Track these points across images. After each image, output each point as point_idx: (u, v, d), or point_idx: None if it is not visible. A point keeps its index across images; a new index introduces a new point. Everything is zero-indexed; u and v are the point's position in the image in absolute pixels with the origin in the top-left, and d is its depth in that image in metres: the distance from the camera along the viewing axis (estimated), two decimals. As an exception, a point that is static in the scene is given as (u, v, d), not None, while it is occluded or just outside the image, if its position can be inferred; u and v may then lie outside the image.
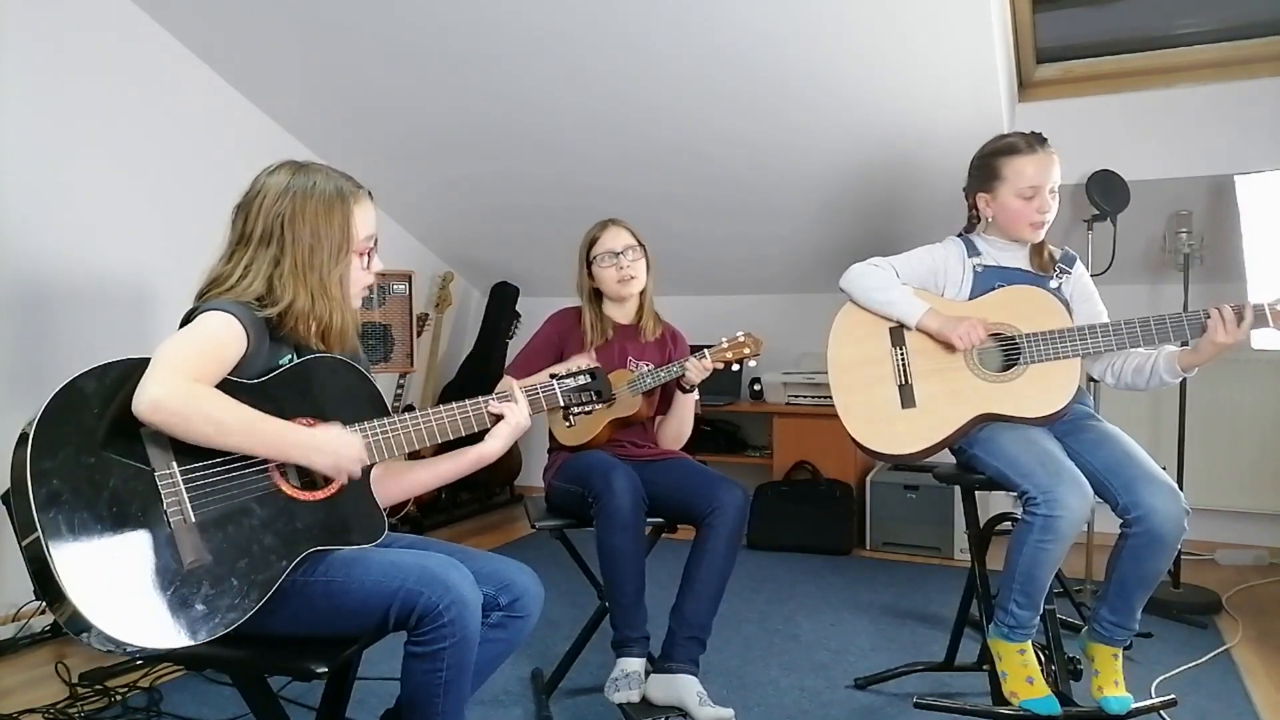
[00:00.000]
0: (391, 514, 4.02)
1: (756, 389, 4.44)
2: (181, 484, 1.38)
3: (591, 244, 2.53)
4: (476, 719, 2.28)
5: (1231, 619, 3.01)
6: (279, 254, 1.55)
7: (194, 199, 3.39)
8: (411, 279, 4.22)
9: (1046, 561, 1.95)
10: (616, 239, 2.50)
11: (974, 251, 2.26)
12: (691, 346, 2.58)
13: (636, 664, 2.21)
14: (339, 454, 1.48)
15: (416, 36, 3.25)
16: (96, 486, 1.32)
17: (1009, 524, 2.22)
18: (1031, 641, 2.04)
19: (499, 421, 1.71)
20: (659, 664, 2.24)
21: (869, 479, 3.98)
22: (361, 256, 1.62)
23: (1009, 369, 2.15)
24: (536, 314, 4.71)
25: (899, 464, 3.75)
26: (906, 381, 2.21)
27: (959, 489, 2.41)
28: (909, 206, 3.70)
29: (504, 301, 4.81)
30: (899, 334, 2.23)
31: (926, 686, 2.46)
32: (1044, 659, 2.10)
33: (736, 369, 2.41)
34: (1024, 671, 2.02)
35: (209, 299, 1.53)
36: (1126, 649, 2.10)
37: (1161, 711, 2.21)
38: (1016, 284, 2.20)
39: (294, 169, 1.59)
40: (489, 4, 3.04)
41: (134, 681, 2.46)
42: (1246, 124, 3.14)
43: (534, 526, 2.38)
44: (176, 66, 3.41)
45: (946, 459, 2.32)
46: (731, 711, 2.15)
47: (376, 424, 1.59)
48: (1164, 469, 2.02)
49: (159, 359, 1.37)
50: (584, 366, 1.83)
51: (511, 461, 4.74)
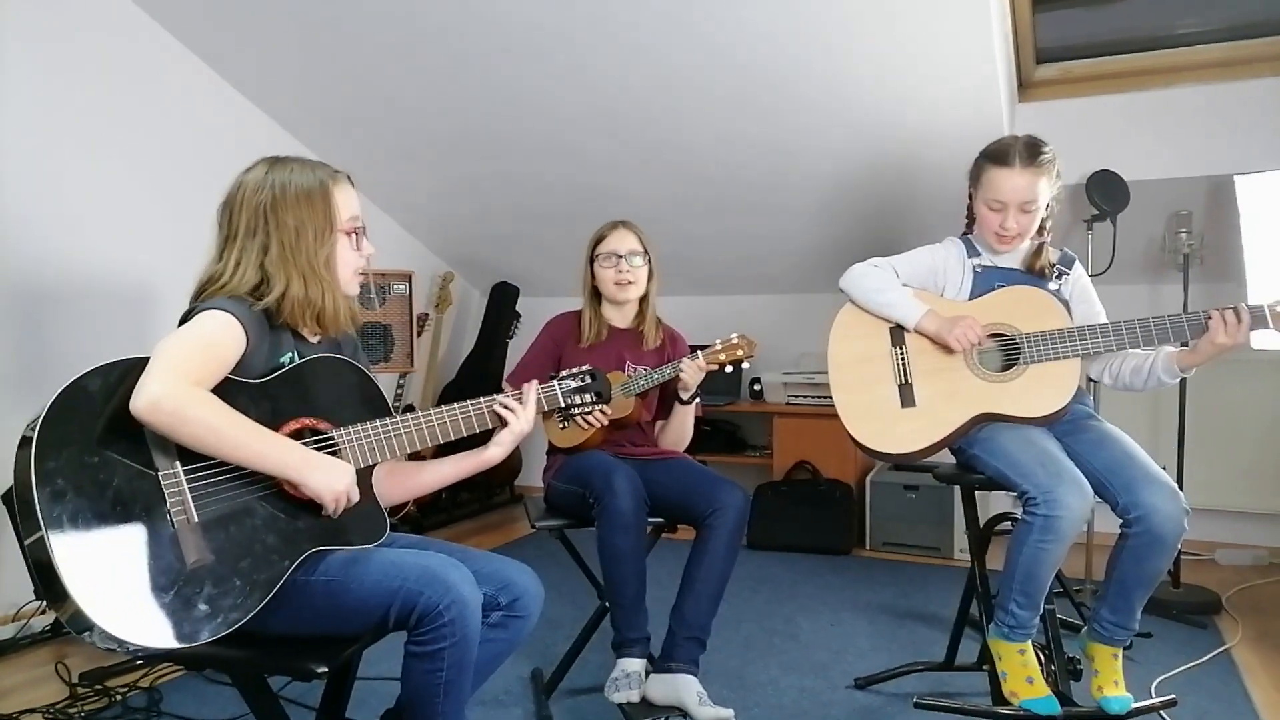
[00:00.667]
0: (392, 514, 4.04)
1: (756, 389, 4.44)
2: (185, 484, 1.38)
3: (598, 241, 2.54)
4: (476, 719, 2.28)
5: (1231, 619, 3.01)
6: (266, 242, 1.55)
7: (194, 199, 3.36)
8: (411, 279, 4.22)
9: (1046, 561, 1.95)
10: (622, 241, 2.50)
11: (974, 252, 2.27)
12: (690, 347, 2.57)
13: (636, 664, 2.21)
14: (332, 478, 1.46)
15: (417, 37, 3.25)
16: (100, 486, 1.32)
17: (1009, 524, 2.22)
18: (1031, 641, 2.04)
19: (502, 426, 1.71)
20: (659, 664, 2.24)
21: (869, 479, 3.98)
22: (349, 236, 1.62)
23: (1009, 369, 2.15)
24: (536, 314, 4.74)
25: (899, 464, 3.75)
26: (906, 381, 2.21)
27: (959, 489, 2.41)
28: (909, 206, 3.70)
29: (504, 301, 4.81)
30: (899, 333, 2.23)
31: (926, 686, 2.46)
32: (1044, 659, 2.10)
33: (731, 370, 2.41)
34: (1024, 671, 2.02)
35: (205, 297, 1.53)
36: (1126, 649, 2.10)
37: (1161, 711, 2.21)
38: (1016, 284, 2.20)
39: (270, 163, 1.61)
40: (489, 4, 3.04)
41: (134, 681, 2.46)
42: (1246, 124, 3.14)
43: (534, 526, 2.38)
44: (177, 66, 3.41)
45: (946, 459, 2.32)
46: (731, 712, 2.15)
47: (381, 423, 1.59)
48: (1164, 469, 2.02)
49: (158, 358, 1.37)
50: (584, 368, 1.84)
51: (511, 461, 4.74)
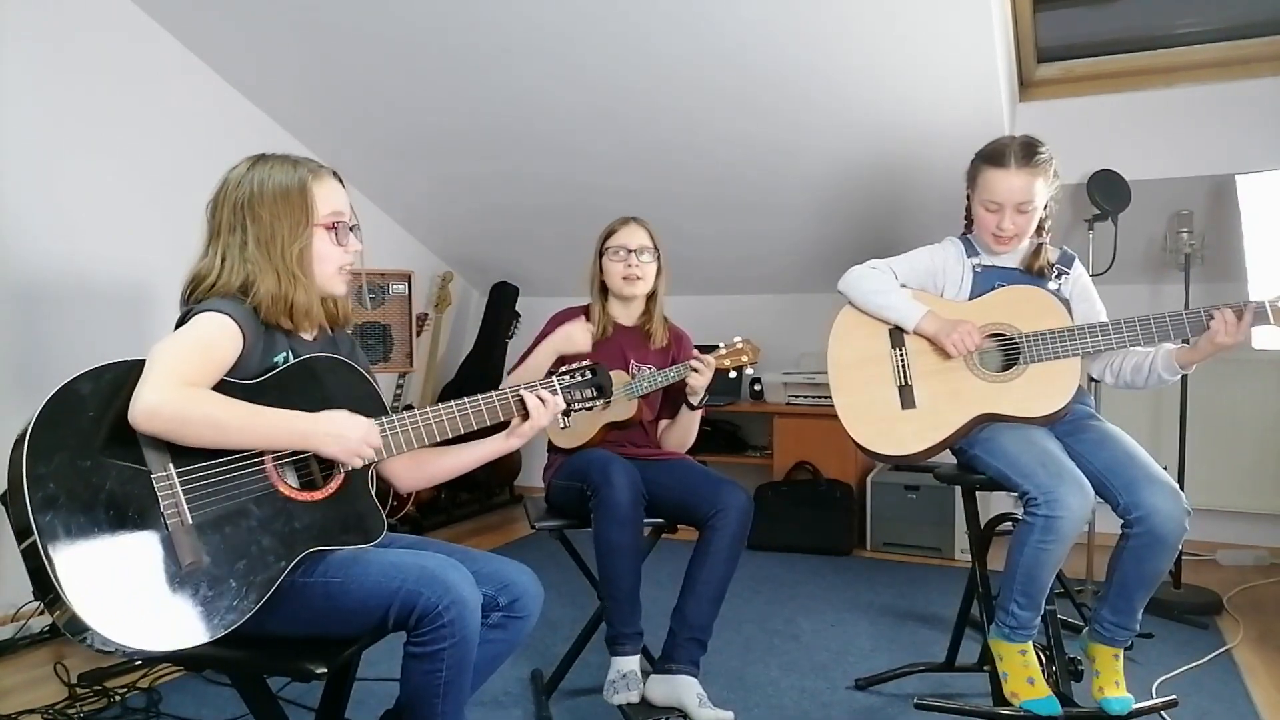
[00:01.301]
0: (391, 514, 4.04)
1: (757, 389, 4.44)
2: (178, 486, 1.38)
3: (608, 235, 2.53)
4: (476, 719, 2.28)
5: (1232, 619, 3.01)
6: (244, 238, 1.55)
7: (193, 199, 3.34)
8: (411, 279, 4.21)
9: (1047, 562, 1.95)
10: (632, 236, 2.49)
11: (973, 252, 2.26)
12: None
13: (632, 663, 2.20)
14: (346, 435, 1.48)
15: (417, 36, 3.25)
16: (93, 489, 1.32)
17: (1009, 524, 2.22)
18: (1032, 642, 2.04)
19: (524, 418, 1.73)
20: (659, 665, 2.23)
21: (869, 479, 3.98)
22: (328, 231, 1.60)
23: (1009, 369, 2.14)
24: (536, 314, 4.74)
25: (899, 464, 3.75)
26: (906, 382, 2.21)
27: (959, 489, 2.40)
28: (910, 206, 3.70)
29: (504, 301, 4.80)
30: (899, 335, 2.23)
31: (927, 687, 2.46)
32: (1045, 659, 2.10)
33: (734, 375, 2.40)
34: (1025, 672, 2.02)
35: (196, 296, 1.54)
36: (1127, 649, 2.10)
37: (1162, 712, 2.21)
38: (1016, 284, 2.20)
39: (254, 159, 1.60)
40: (489, 3, 3.04)
41: (133, 682, 2.46)
42: (1246, 124, 3.14)
43: (534, 527, 2.38)
44: (176, 66, 3.41)
45: (947, 459, 2.31)
46: (731, 714, 2.15)
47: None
48: (1164, 469, 2.02)
49: (153, 364, 1.36)
50: (585, 364, 1.83)
51: (511, 461, 4.74)
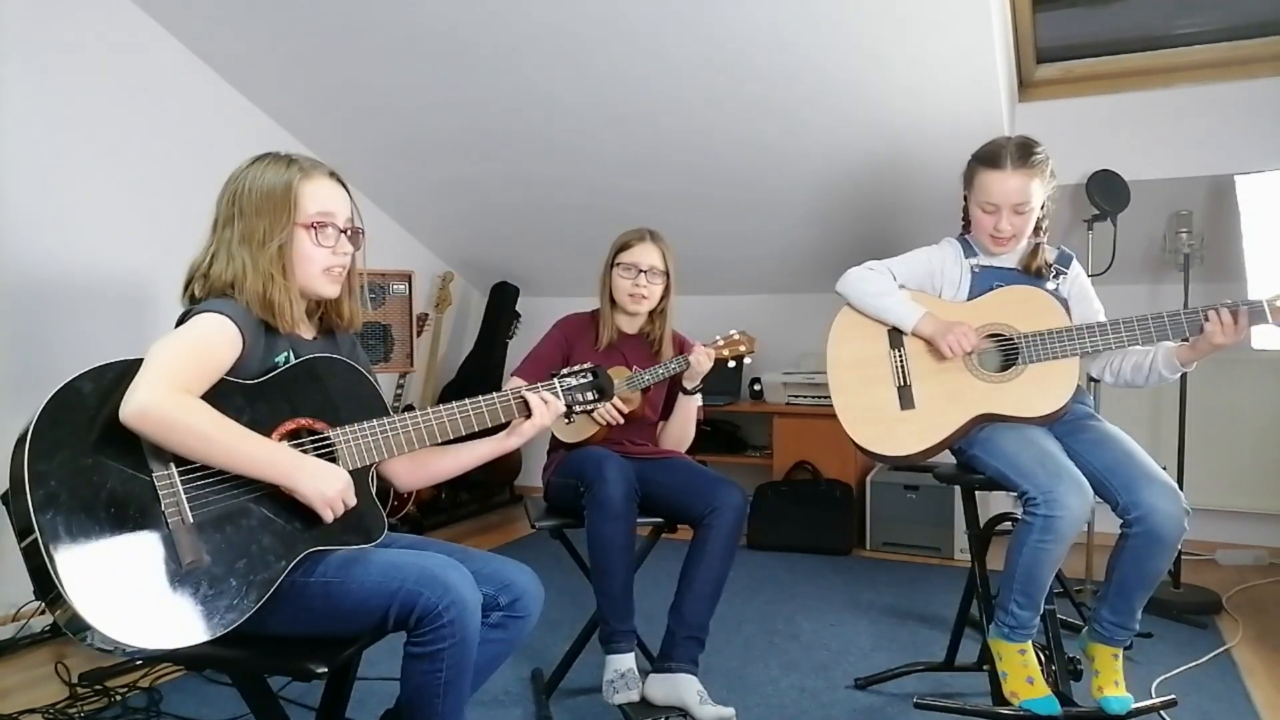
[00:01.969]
0: (391, 514, 4.05)
1: (756, 389, 4.44)
2: (179, 485, 1.38)
3: (622, 248, 2.51)
4: (476, 719, 2.28)
5: (1232, 619, 3.01)
6: (231, 234, 1.55)
7: (193, 199, 3.36)
8: (411, 279, 4.22)
9: (1047, 562, 1.95)
10: (644, 256, 2.47)
11: (971, 252, 2.26)
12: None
13: (628, 661, 2.21)
14: (326, 484, 1.45)
15: (417, 36, 3.25)
16: (94, 488, 1.32)
17: (1009, 524, 2.22)
18: (1032, 641, 2.04)
19: (527, 417, 1.72)
20: (658, 664, 2.24)
21: (869, 479, 3.98)
22: (309, 230, 1.57)
23: (1007, 369, 2.15)
24: (536, 314, 4.76)
25: (899, 465, 3.75)
26: (905, 383, 2.21)
27: (959, 489, 2.40)
28: (910, 206, 3.70)
29: (504, 301, 4.81)
30: (897, 335, 2.23)
31: (927, 687, 2.46)
32: (1044, 659, 2.10)
33: (733, 365, 2.41)
34: (1024, 671, 2.02)
35: (191, 289, 1.55)
36: (1127, 649, 2.10)
37: (1162, 712, 2.21)
38: (1014, 284, 2.20)
39: (258, 157, 1.60)
40: (490, 3, 3.04)
41: (134, 681, 2.46)
42: (1246, 124, 3.14)
43: (534, 526, 2.38)
44: (176, 66, 3.41)
45: (947, 459, 2.31)
46: (732, 710, 2.16)
47: (378, 423, 1.58)
48: (1164, 469, 2.02)
49: (150, 363, 1.37)
50: (585, 366, 1.84)
51: (511, 461, 4.74)
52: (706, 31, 3.01)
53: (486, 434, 1.76)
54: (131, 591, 1.31)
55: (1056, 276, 2.22)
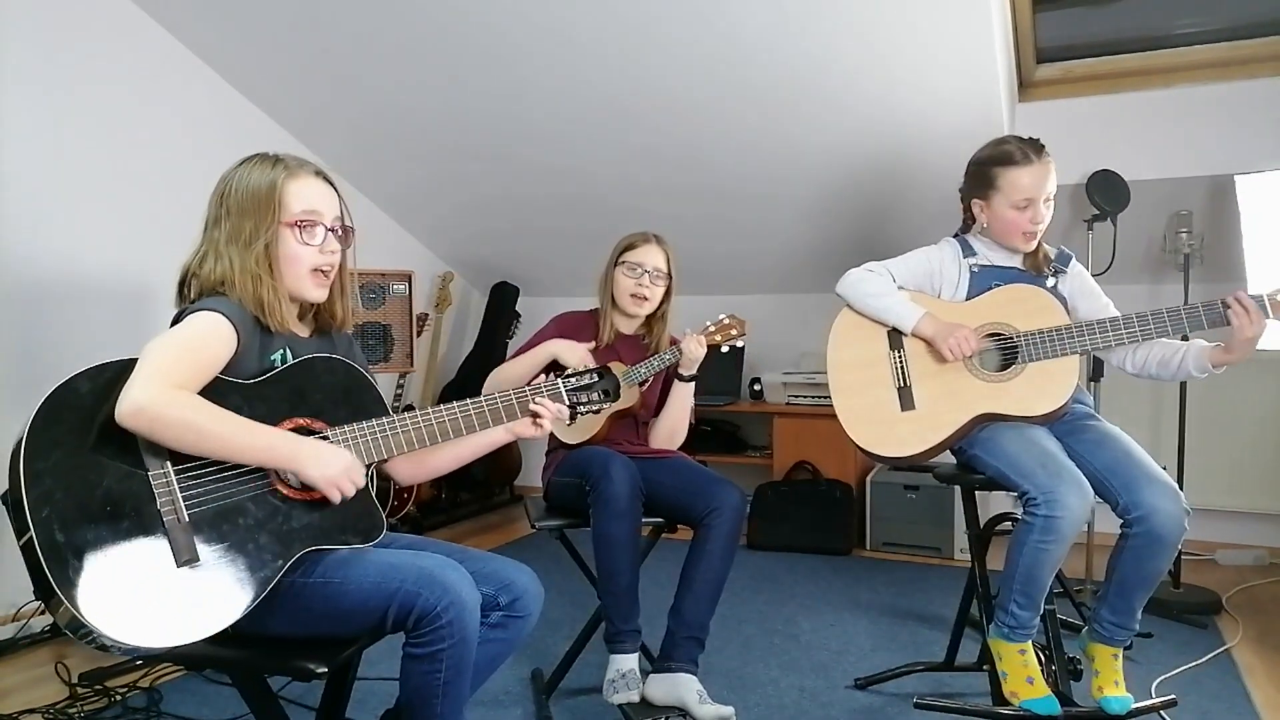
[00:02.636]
0: (391, 514, 4.05)
1: (756, 389, 4.44)
2: (175, 483, 1.38)
3: (627, 248, 2.51)
4: (476, 719, 2.28)
5: (1231, 619, 3.01)
6: (220, 232, 1.55)
7: (192, 198, 3.36)
8: (411, 279, 4.22)
9: (1047, 562, 1.95)
10: (649, 257, 2.48)
11: (970, 252, 2.26)
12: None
13: (630, 661, 2.21)
14: (329, 463, 1.45)
15: (418, 36, 3.25)
16: (90, 486, 1.32)
17: (1009, 524, 2.22)
18: (1032, 641, 2.04)
19: (535, 418, 1.71)
20: (658, 664, 2.24)
21: (869, 479, 3.98)
22: (294, 229, 1.56)
23: (1007, 368, 2.15)
24: (536, 314, 4.75)
25: (899, 465, 3.75)
26: (905, 384, 2.21)
27: (959, 489, 2.41)
28: (910, 206, 3.70)
29: (504, 301, 4.81)
30: (897, 336, 2.23)
31: (926, 686, 2.46)
32: (1044, 659, 2.10)
33: (727, 350, 2.42)
34: (1024, 671, 2.02)
35: (185, 288, 1.56)
36: (1127, 649, 2.10)
37: (1162, 712, 2.21)
38: (1013, 283, 2.20)
39: (249, 157, 1.60)
40: (490, 4, 3.04)
41: (134, 681, 2.46)
42: (1246, 124, 3.14)
43: (534, 526, 2.38)
44: (176, 66, 3.41)
45: (947, 459, 2.31)
46: (732, 709, 2.16)
47: (376, 422, 1.58)
48: (1164, 469, 2.02)
49: (144, 362, 1.37)
50: (590, 366, 1.83)
51: (511, 461, 4.74)
52: (705, 32, 3.01)
53: None
54: (127, 590, 1.31)
55: (1056, 274, 2.22)
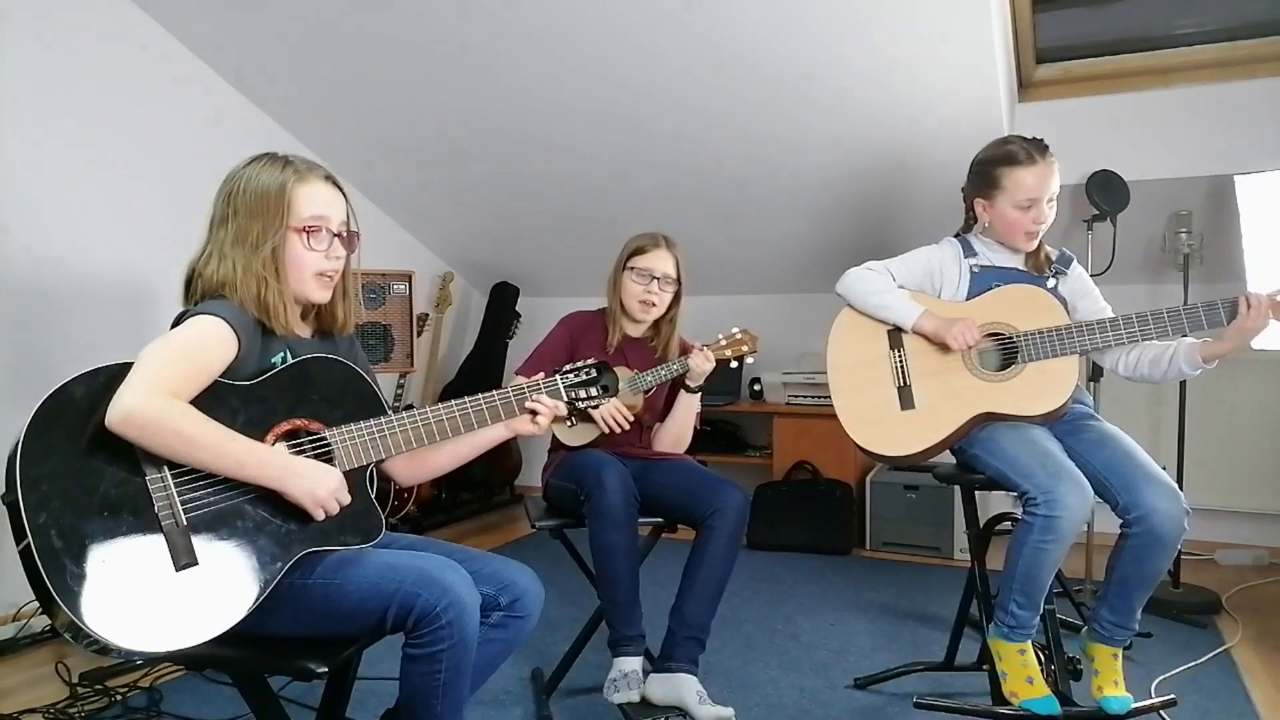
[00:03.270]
0: (391, 514, 4.05)
1: (756, 389, 4.44)
2: (172, 487, 1.38)
3: (637, 252, 2.47)
4: (476, 719, 2.28)
5: (1231, 619, 3.01)
6: (225, 233, 1.54)
7: (193, 199, 3.36)
8: (411, 279, 4.22)
9: (1046, 562, 1.95)
10: (659, 262, 2.45)
11: (970, 252, 2.27)
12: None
13: (634, 663, 2.21)
14: (317, 484, 1.45)
15: (418, 36, 3.25)
16: (87, 492, 1.32)
17: (1009, 524, 2.22)
18: (1031, 641, 2.04)
19: (533, 415, 1.71)
20: (658, 664, 2.24)
21: (869, 479, 3.98)
22: (302, 234, 1.55)
23: (1007, 368, 2.15)
24: (536, 314, 4.76)
25: (899, 464, 3.75)
26: (905, 383, 2.21)
27: (959, 489, 2.41)
28: (910, 206, 3.70)
29: (504, 301, 4.81)
30: (897, 336, 2.24)
31: (926, 686, 2.46)
32: (1044, 659, 2.10)
33: (736, 365, 2.41)
34: (1024, 671, 2.02)
35: (190, 289, 1.55)
36: (1126, 649, 2.10)
37: (1161, 711, 2.21)
38: (1013, 283, 2.20)
39: (255, 158, 1.59)
40: (490, 5, 3.04)
41: (134, 681, 2.46)
42: (1246, 124, 3.14)
43: (534, 526, 2.38)
44: (176, 66, 3.41)
45: (947, 459, 2.32)
46: (731, 710, 2.15)
47: (374, 422, 1.58)
48: (1164, 469, 2.02)
49: (139, 367, 1.36)
50: (589, 361, 1.82)
51: (511, 461, 4.74)
52: (704, 32, 3.01)
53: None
54: (126, 595, 1.30)
55: (1056, 275, 2.23)
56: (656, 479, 2.33)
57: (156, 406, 1.34)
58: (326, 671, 1.43)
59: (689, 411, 2.50)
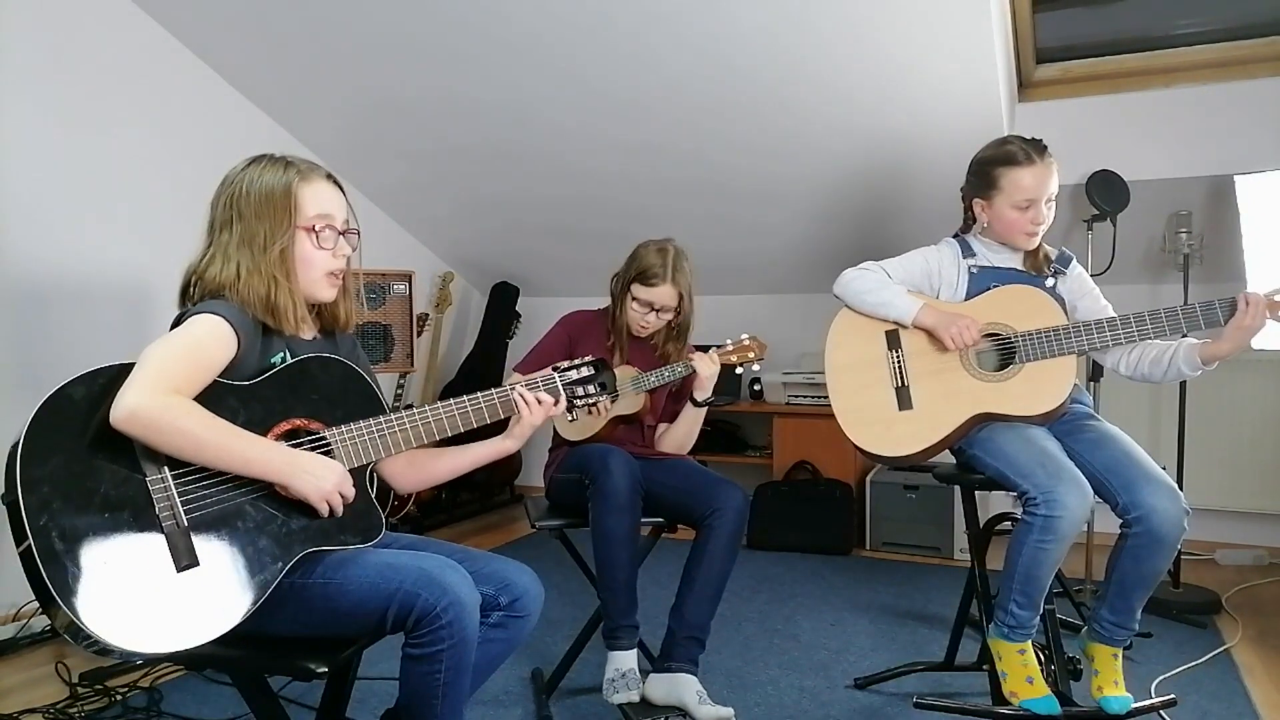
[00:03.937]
0: (391, 514, 4.05)
1: (756, 389, 4.44)
2: (173, 488, 1.38)
3: (642, 276, 2.44)
4: (476, 719, 2.28)
5: (1231, 619, 3.01)
6: (230, 236, 1.54)
7: (193, 199, 3.35)
8: (411, 279, 4.22)
9: (1046, 562, 1.95)
10: (661, 296, 2.43)
11: (969, 252, 2.26)
12: (695, 347, 2.56)
13: (629, 660, 2.21)
14: (322, 478, 1.45)
15: (418, 38, 3.25)
16: (88, 493, 1.32)
17: (1009, 524, 2.22)
18: (1031, 641, 2.04)
19: (517, 417, 1.71)
20: (658, 663, 2.24)
21: (869, 479, 3.98)
22: (309, 233, 1.56)
23: (1005, 368, 2.15)
24: (536, 314, 4.76)
25: (899, 465, 3.75)
26: (903, 384, 2.21)
27: (959, 489, 2.41)
28: (910, 206, 3.70)
29: (504, 302, 4.81)
30: (895, 337, 2.24)
31: (926, 686, 2.46)
32: (1044, 659, 2.10)
33: (741, 371, 2.41)
34: (1024, 671, 2.02)
35: (191, 292, 1.55)
36: (1126, 649, 2.10)
37: (1161, 711, 2.21)
38: (1012, 284, 2.20)
39: (254, 159, 1.59)
40: (490, 7, 3.04)
41: (134, 681, 2.46)
42: (1246, 124, 3.14)
43: (534, 526, 2.38)
44: (176, 66, 3.41)
45: (946, 459, 2.32)
46: (731, 710, 2.16)
47: (374, 421, 1.57)
48: (1164, 469, 2.02)
49: (141, 366, 1.37)
50: (587, 359, 1.82)
51: (511, 461, 4.74)
52: (705, 32, 3.02)
53: (484, 432, 1.76)
54: (126, 596, 1.30)
55: (1056, 275, 2.23)
56: (657, 478, 2.33)
57: (160, 404, 1.34)
58: (326, 671, 1.43)
59: (694, 424, 2.51)
